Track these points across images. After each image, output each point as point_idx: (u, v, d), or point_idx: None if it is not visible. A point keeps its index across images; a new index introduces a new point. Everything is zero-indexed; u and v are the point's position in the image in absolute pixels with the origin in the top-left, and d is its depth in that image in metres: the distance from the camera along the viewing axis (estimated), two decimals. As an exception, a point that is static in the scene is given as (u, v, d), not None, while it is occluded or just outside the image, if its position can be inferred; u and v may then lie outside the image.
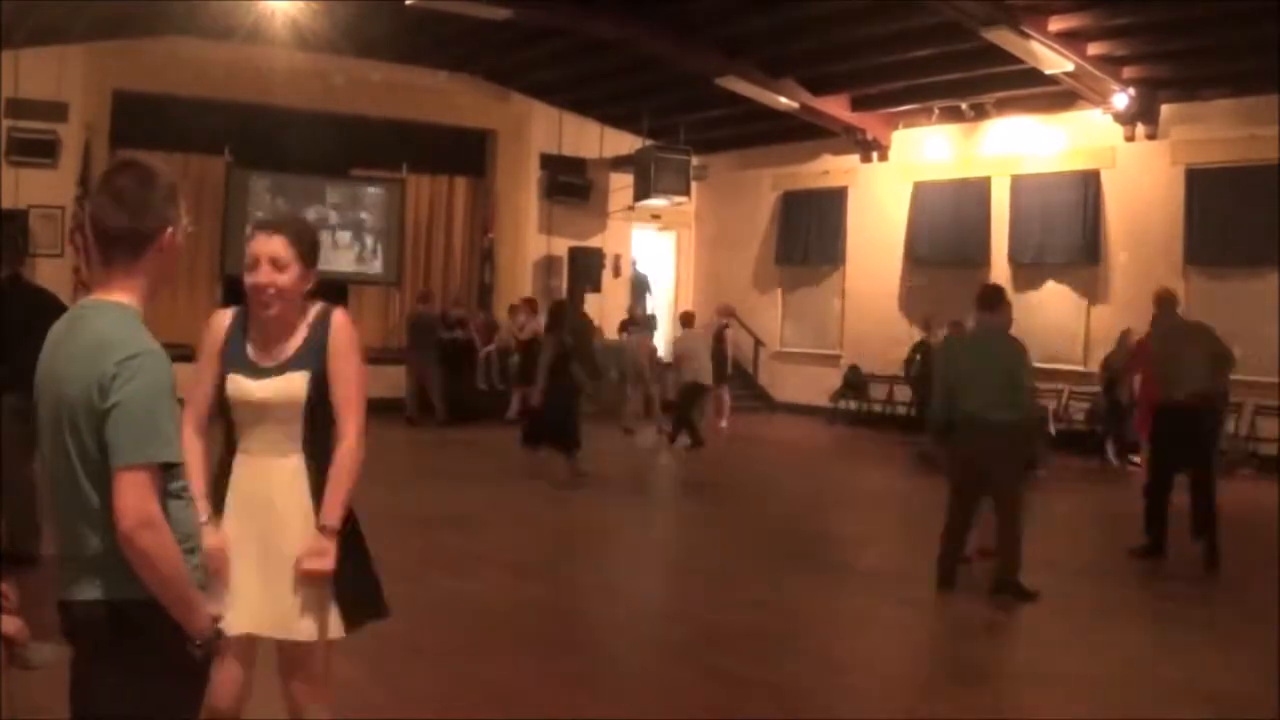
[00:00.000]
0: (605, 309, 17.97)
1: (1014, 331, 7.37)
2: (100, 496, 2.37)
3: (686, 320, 15.30)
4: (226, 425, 3.29)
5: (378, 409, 5.81)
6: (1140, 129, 14.01)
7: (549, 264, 19.16)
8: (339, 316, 3.25)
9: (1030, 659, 6.17)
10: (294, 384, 3.17)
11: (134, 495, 2.31)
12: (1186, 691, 5.41)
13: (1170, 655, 6.09)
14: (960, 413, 7.04)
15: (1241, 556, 8.08)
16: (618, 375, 15.50)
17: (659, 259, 20.57)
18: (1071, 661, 5.97)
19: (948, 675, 5.89)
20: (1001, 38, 12.46)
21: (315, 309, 3.26)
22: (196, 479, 3.09)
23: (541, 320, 12.89)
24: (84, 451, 2.38)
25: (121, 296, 2.56)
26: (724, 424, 15.52)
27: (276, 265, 3.15)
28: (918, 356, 14.29)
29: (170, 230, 2.58)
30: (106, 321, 2.50)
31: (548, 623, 6.49)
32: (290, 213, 14.96)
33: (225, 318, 3.30)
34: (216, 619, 2.48)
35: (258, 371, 3.20)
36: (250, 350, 3.23)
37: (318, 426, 3.21)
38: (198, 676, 2.49)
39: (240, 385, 3.21)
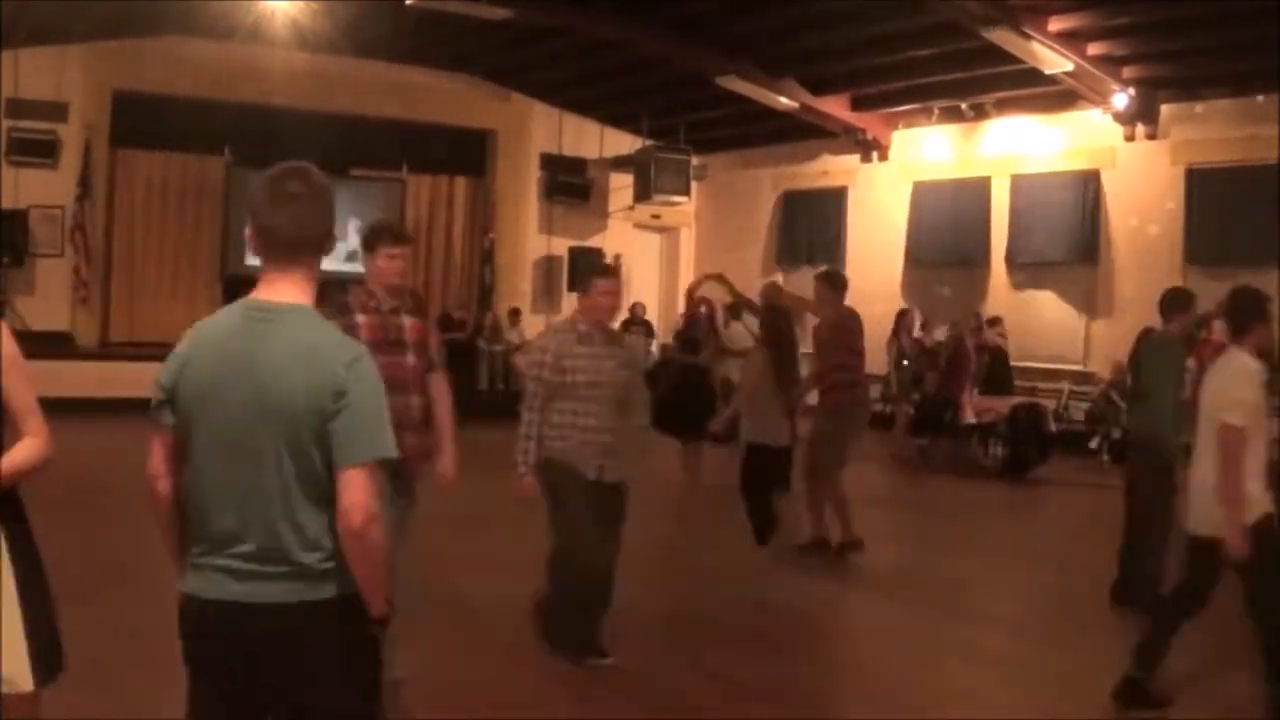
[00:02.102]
0: (605, 309, 17.94)
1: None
2: (315, 498, 2.45)
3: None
4: None
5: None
6: (1140, 129, 13.99)
7: (549, 264, 19.17)
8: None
9: (1037, 658, 6.16)
10: None
11: (364, 491, 2.42)
12: (1191, 689, 5.41)
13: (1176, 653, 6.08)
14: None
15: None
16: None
17: (659, 259, 20.55)
18: (1075, 660, 5.97)
19: (949, 675, 5.88)
20: (1001, 38, 12.46)
21: None
22: None
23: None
24: (300, 454, 2.44)
25: (302, 299, 2.59)
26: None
27: None
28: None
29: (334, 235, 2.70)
30: (308, 327, 2.55)
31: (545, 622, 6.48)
32: None
33: None
34: (390, 601, 2.60)
35: None
36: None
37: None
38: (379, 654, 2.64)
39: None
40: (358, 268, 5.21)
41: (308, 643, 2.49)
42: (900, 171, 16.93)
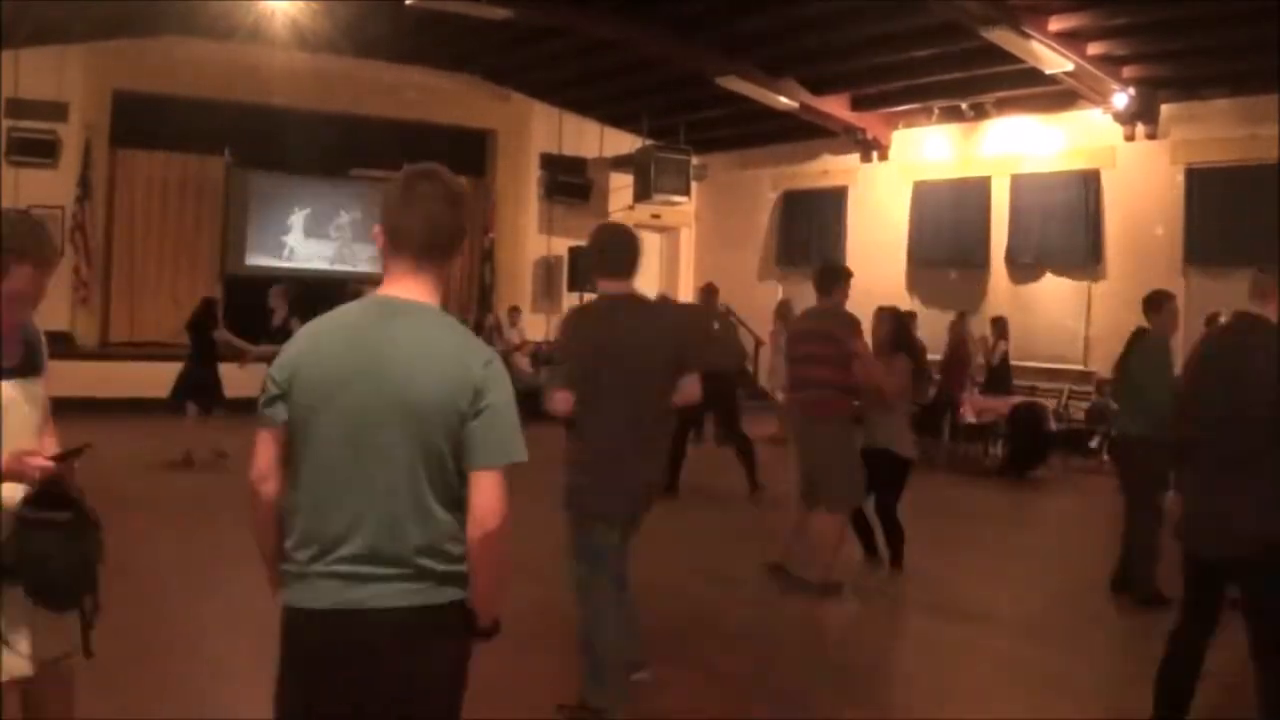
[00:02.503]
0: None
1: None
2: (445, 500, 2.43)
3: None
4: None
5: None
6: (1140, 129, 13.99)
7: (549, 264, 19.16)
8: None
9: (1037, 658, 6.16)
10: None
11: (500, 496, 2.43)
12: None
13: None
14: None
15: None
16: None
17: (659, 259, 20.54)
18: (1075, 660, 5.97)
19: (949, 675, 5.88)
20: (1001, 38, 12.46)
21: None
22: None
23: None
24: (433, 454, 2.41)
25: (431, 299, 2.56)
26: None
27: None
28: None
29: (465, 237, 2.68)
30: (440, 325, 2.52)
31: (547, 623, 6.49)
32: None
33: None
34: (497, 620, 2.59)
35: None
36: None
37: None
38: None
39: None
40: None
41: (422, 646, 2.43)
42: (900, 171, 16.93)
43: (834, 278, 7.39)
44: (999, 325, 14.31)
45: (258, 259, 17.10)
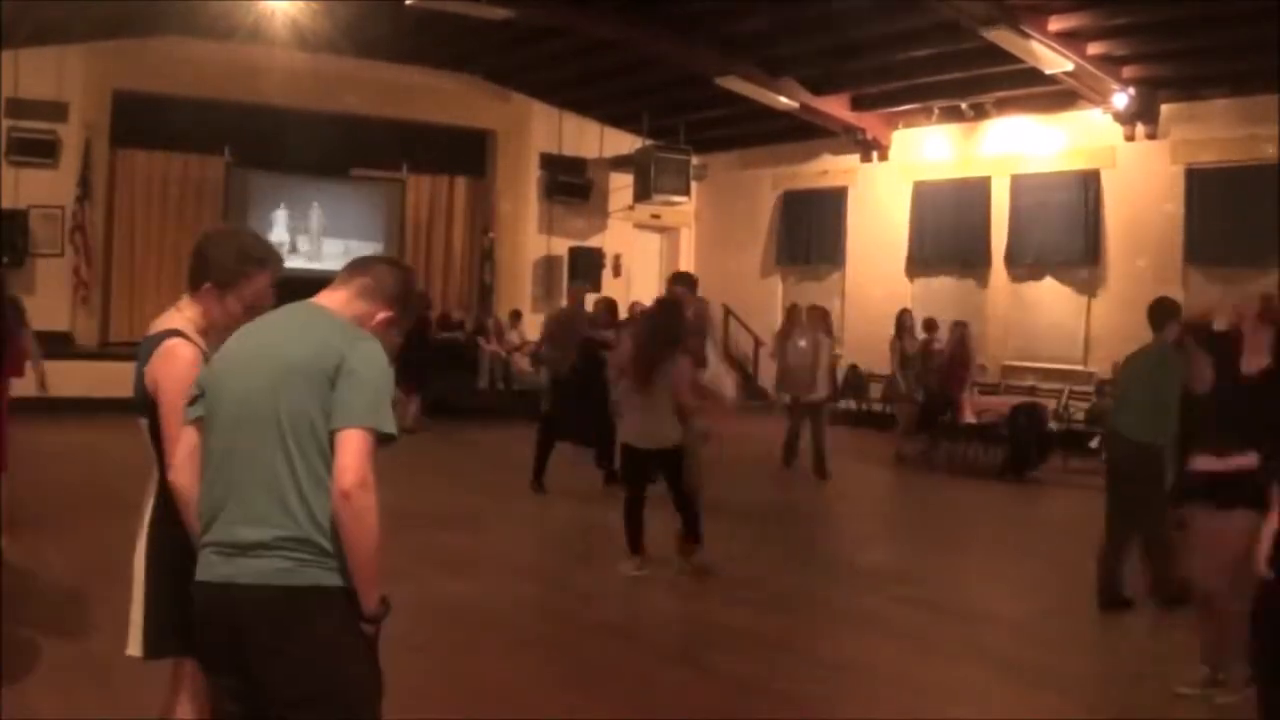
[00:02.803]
0: (605, 309, 17.96)
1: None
2: (317, 476, 2.50)
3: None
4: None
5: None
6: (1140, 129, 13.99)
7: (549, 264, 19.16)
8: None
9: (1037, 657, 6.16)
10: None
11: (359, 455, 2.46)
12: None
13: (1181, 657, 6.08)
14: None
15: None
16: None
17: (659, 259, 20.54)
18: (1082, 661, 5.97)
19: (949, 674, 5.88)
20: (1001, 38, 12.46)
21: None
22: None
23: None
24: (303, 425, 2.51)
25: (344, 309, 2.76)
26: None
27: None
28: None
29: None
30: (332, 322, 2.68)
31: (546, 623, 6.49)
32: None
33: (193, 351, 3.13)
34: (385, 600, 2.57)
35: None
36: None
37: None
38: (372, 653, 2.61)
39: None
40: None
41: (285, 627, 2.46)
42: (900, 171, 16.93)
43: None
44: (930, 323, 13.75)
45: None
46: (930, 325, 13.79)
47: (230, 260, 3.15)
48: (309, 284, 3.22)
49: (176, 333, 3.12)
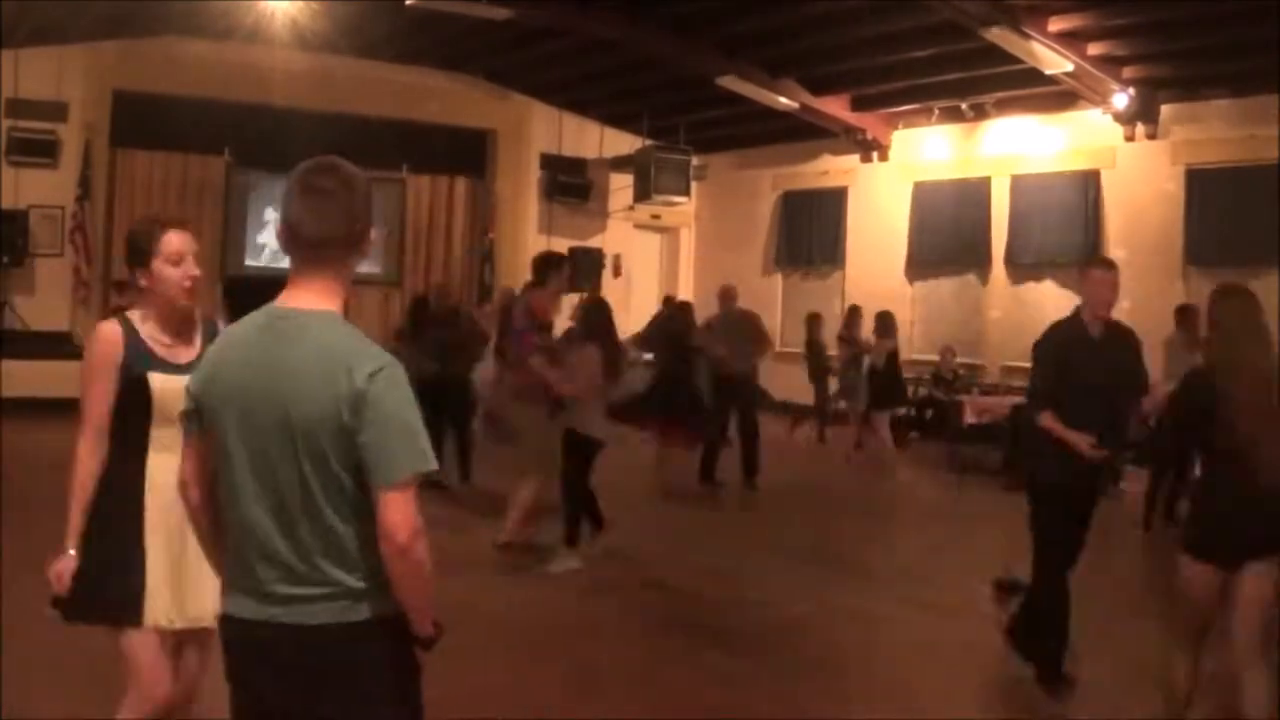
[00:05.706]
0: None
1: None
2: (346, 514, 2.34)
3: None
4: (124, 430, 3.34)
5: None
6: (1140, 129, 13.99)
7: (549, 264, 19.13)
8: (223, 325, 3.31)
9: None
10: None
11: (404, 510, 2.30)
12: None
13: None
14: None
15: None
16: None
17: (659, 259, 20.55)
18: (1083, 663, 5.96)
19: (949, 675, 5.88)
20: (1001, 38, 12.46)
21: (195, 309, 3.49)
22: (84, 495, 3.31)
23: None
24: (324, 468, 2.33)
25: (329, 303, 2.48)
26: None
27: (195, 258, 3.40)
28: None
29: (370, 233, 2.55)
30: (330, 336, 2.41)
31: (546, 623, 6.49)
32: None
33: (116, 328, 3.42)
34: (438, 624, 2.49)
35: (177, 369, 3.29)
36: (158, 349, 3.38)
37: None
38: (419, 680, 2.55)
39: (166, 383, 3.29)
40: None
41: (346, 666, 2.39)
42: (900, 171, 16.94)
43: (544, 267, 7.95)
44: (884, 321, 13.17)
45: (258, 260, 17.11)
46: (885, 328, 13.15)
47: (136, 241, 3.38)
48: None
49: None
